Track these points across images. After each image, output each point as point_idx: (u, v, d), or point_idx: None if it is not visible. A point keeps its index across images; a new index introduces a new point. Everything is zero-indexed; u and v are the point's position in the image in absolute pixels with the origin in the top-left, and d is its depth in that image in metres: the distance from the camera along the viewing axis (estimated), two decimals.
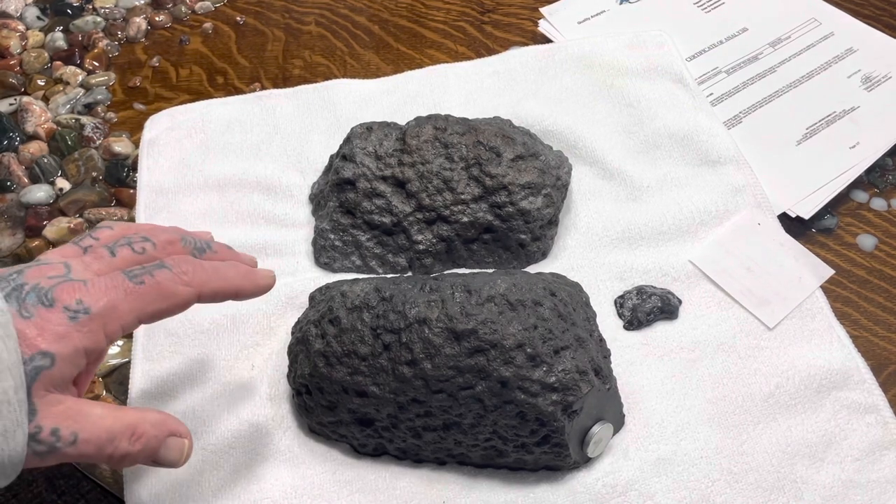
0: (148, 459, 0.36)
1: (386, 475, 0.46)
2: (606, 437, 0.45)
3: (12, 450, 0.31)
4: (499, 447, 0.44)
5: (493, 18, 0.74)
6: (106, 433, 0.34)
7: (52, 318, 0.33)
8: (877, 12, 0.73)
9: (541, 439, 0.43)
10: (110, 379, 0.51)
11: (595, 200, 0.58)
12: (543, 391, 0.42)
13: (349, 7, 0.76)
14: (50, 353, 0.32)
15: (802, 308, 0.52)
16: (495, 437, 0.44)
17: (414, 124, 0.55)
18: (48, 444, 0.32)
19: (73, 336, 0.33)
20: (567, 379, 0.42)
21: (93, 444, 0.33)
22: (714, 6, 0.73)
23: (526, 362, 0.42)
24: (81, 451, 0.33)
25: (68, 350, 0.33)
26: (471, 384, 0.42)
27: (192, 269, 0.37)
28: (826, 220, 0.58)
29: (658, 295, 0.52)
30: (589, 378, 0.43)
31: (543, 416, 0.42)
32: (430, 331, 0.42)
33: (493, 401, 0.42)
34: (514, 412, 0.42)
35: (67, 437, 0.33)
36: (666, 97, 0.63)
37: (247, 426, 0.48)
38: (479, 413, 0.43)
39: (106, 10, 0.75)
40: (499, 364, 0.41)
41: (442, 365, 0.42)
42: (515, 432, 0.43)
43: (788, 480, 0.45)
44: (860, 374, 0.49)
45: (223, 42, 0.73)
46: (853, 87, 0.66)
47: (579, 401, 0.42)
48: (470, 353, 0.42)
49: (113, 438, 0.34)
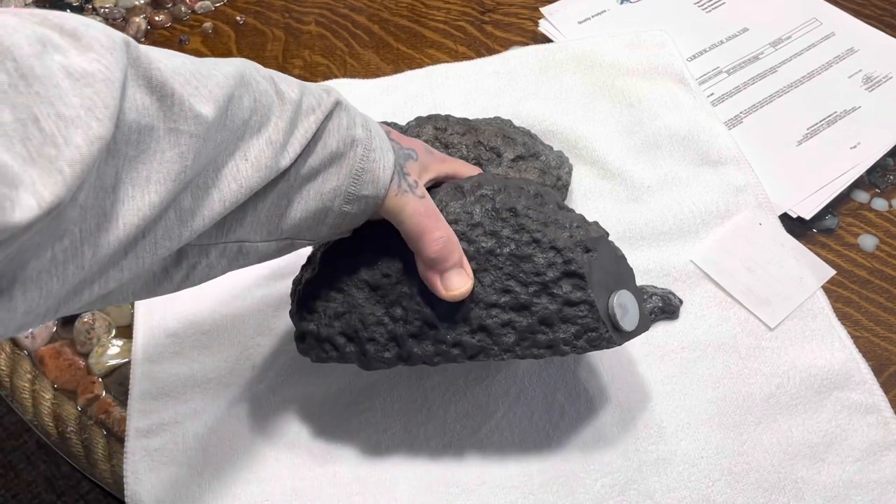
0: (441, 268, 0.40)
1: (386, 478, 0.46)
2: (632, 305, 0.42)
3: (385, 164, 0.39)
4: (519, 300, 0.41)
5: (493, 18, 0.74)
6: (438, 216, 0.40)
7: (415, 141, 0.44)
8: (878, 12, 0.73)
9: (560, 274, 0.41)
10: (110, 379, 0.51)
11: (595, 200, 0.58)
12: (553, 225, 0.42)
13: (349, 7, 0.76)
14: (415, 151, 0.43)
15: (803, 308, 0.52)
16: (513, 282, 0.41)
17: (414, 124, 0.55)
18: (408, 184, 0.40)
19: (427, 155, 0.44)
20: (576, 219, 0.42)
21: (430, 213, 0.40)
22: (715, 6, 0.73)
23: (532, 200, 0.42)
24: (420, 210, 0.40)
25: (423, 160, 0.43)
26: (480, 221, 0.41)
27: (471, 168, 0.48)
28: (827, 220, 0.58)
29: (659, 295, 0.52)
30: (597, 227, 0.43)
31: (557, 243, 0.41)
32: (435, 193, 0.43)
33: (505, 231, 0.41)
34: (527, 240, 0.41)
35: (419, 192, 0.40)
36: (667, 97, 0.63)
37: (247, 427, 0.48)
38: (491, 251, 0.41)
39: (105, 10, 0.75)
40: (506, 199, 0.42)
41: (451, 210, 0.42)
42: (532, 266, 0.41)
43: (789, 480, 0.45)
44: (861, 375, 0.49)
45: (223, 42, 0.73)
46: (854, 87, 0.66)
47: (593, 241, 0.42)
48: (477, 198, 0.42)
49: (440, 225, 0.40)
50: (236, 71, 0.34)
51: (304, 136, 0.36)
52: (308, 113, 0.37)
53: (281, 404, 0.49)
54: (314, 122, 0.36)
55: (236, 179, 0.33)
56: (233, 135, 0.33)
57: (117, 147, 0.28)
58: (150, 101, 0.29)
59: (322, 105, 0.37)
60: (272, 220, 0.37)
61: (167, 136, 0.30)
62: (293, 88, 0.37)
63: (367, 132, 0.39)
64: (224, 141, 0.33)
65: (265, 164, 0.34)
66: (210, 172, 0.33)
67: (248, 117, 0.34)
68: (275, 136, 0.35)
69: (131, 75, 0.29)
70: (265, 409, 0.48)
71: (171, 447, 0.47)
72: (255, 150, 0.34)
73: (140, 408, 0.49)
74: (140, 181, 0.29)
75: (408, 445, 0.47)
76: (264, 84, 0.35)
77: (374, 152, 0.38)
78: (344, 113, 0.38)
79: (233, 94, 0.33)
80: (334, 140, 0.37)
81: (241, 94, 0.34)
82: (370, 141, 0.38)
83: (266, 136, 0.35)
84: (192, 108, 0.30)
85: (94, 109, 0.26)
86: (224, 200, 0.33)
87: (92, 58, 0.27)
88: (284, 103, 0.36)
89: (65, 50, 0.27)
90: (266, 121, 0.35)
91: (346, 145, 0.38)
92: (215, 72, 0.33)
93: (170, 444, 0.47)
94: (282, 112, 0.35)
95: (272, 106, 0.35)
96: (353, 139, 0.38)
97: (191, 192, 0.32)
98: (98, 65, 0.27)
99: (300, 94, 0.37)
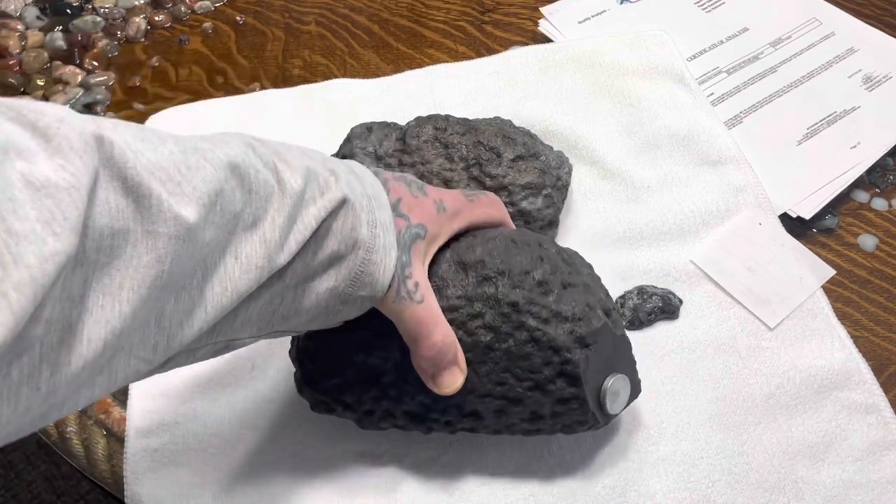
0: (435, 369, 0.40)
1: (387, 479, 0.46)
2: (624, 391, 0.43)
3: (386, 266, 0.37)
4: (512, 392, 0.42)
5: (493, 18, 0.74)
6: (437, 319, 0.39)
7: (426, 204, 0.40)
8: (878, 12, 0.73)
9: (556, 374, 0.41)
10: None
11: (596, 200, 0.58)
12: (554, 319, 0.41)
13: (349, 7, 0.76)
14: (424, 227, 0.39)
15: (803, 308, 0.52)
16: (508, 374, 0.42)
17: (414, 124, 0.55)
18: (407, 291, 0.38)
19: (438, 221, 0.40)
20: (577, 310, 0.41)
21: (427, 320, 0.38)
22: (714, 6, 0.73)
23: (535, 288, 0.41)
24: (418, 316, 0.38)
25: (434, 230, 0.40)
26: (480, 312, 0.41)
27: (500, 202, 0.46)
28: (827, 220, 0.58)
29: (659, 295, 0.52)
30: (599, 314, 0.42)
31: (555, 343, 0.41)
32: (437, 264, 0.42)
33: (503, 328, 0.41)
34: (525, 339, 0.41)
35: (418, 297, 0.38)
36: (666, 97, 0.63)
37: (247, 427, 0.48)
38: (489, 345, 0.41)
39: (105, 10, 0.75)
40: (508, 289, 0.41)
41: (451, 296, 0.41)
42: (529, 364, 0.41)
43: (789, 481, 0.45)
44: (861, 375, 0.49)
45: (223, 42, 0.73)
46: (854, 87, 0.66)
47: (592, 335, 0.41)
48: (478, 282, 0.41)
49: (438, 329, 0.39)
50: (230, 160, 0.31)
51: (303, 234, 0.34)
52: (310, 203, 0.34)
53: (281, 404, 0.49)
54: (314, 219, 0.34)
55: (221, 282, 0.31)
56: (222, 231, 0.31)
57: (86, 255, 0.25)
58: (125, 202, 0.27)
59: (326, 195, 0.35)
60: (264, 318, 0.35)
61: (144, 239, 0.27)
62: (297, 175, 0.34)
63: (371, 231, 0.36)
64: (213, 239, 0.30)
65: (256, 265, 0.32)
66: (197, 275, 0.30)
67: (241, 210, 0.31)
68: (270, 234, 0.32)
69: (105, 177, 0.26)
70: (265, 409, 0.48)
71: (171, 447, 0.47)
72: (247, 249, 0.32)
73: (140, 408, 0.49)
74: (112, 289, 0.26)
75: (408, 446, 0.47)
76: (264, 173, 0.33)
77: (375, 254, 0.36)
78: (350, 213, 0.35)
79: (222, 188, 0.30)
80: (336, 241, 0.35)
81: (234, 186, 0.31)
82: (373, 241, 0.36)
83: (260, 233, 0.32)
84: (171, 208, 0.28)
85: (51, 223, 0.23)
86: (214, 307, 0.31)
87: (58, 164, 0.24)
88: (285, 195, 0.33)
89: (30, 155, 0.24)
90: (262, 215, 0.32)
91: (347, 247, 0.35)
92: (205, 163, 0.30)
93: (170, 444, 0.47)
94: (281, 205, 0.33)
95: (271, 197, 0.33)
96: (356, 241, 0.36)
97: (174, 297, 0.30)
98: (63, 172, 0.24)
99: (304, 183, 0.34)
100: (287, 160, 0.35)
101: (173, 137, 0.30)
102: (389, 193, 0.39)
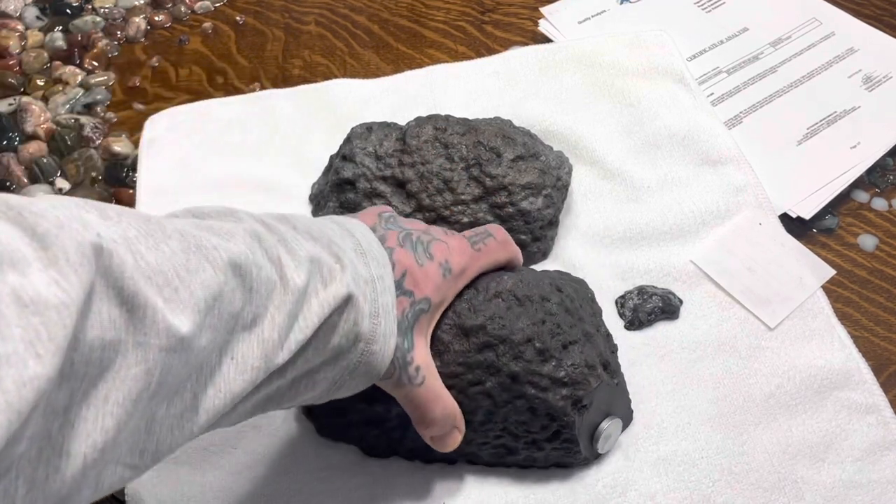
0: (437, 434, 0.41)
1: (387, 475, 0.46)
2: (616, 433, 0.45)
3: (385, 354, 0.36)
4: (509, 444, 0.44)
5: (493, 18, 0.74)
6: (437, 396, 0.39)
7: (431, 270, 0.38)
8: (878, 12, 0.73)
9: (551, 435, 0.43)
10: None
11: (595, 200, 0.58)
12: (553, 386, 0.42)
13: (349, 7, 0.76)
14: (429, 300, 0.38)
15: (803, 308, 0.52)
16: (506, 433, 0.43)
17: (414, 124, 0.55)
18: (408, 377, 0.37)
19: (443, 288, 0.39)
20: (576, 374, 0.42)
21: (428, 400, 0.38)
22: (714, 6, 0.73)
23: (535, 357, 0.42)
24: (419, 397, 0.38)
25: (438, 300, 0.39)
26: (480, 380, 0.42)
27: (508, 238, 0.44)
28: (827, 220, 0.58)
29: (659, 295, 0.52)
30: (598, 372, 0.43)
31: (554, 411, 0.42)
32: (439, 328, 0.42)
33: (503, 396, 0.42)
34: (524, 407, 0.42)
35: (418, 381, 0.38)
36: (666, 97, 0.63)
37: (249, 427, 0.48)
38: (489, 410, 0.42)
39: (105, 10, 0.75)
40: (508, 359, 0.41)
41: (451, 361, 0.42)
42: (526, 428, 0.43)
43: (789, 481, 0.45)
44: (861, 375, 0.49)
45: (223, 42, 0.73)
46: (854, 87, 0.66)
47: (589, 395, 0.42)
48: (479, 348, 0.42)
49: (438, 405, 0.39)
50: (232, 259, 0.30)
51: (304, 333, 0.33)
52: (312, 296, 0.33)
53: None
54: (317, 316, 0.33)
55: (216, 385, 0.30)
56: (219, 332, 0.30)
57: (74, 369, 0.24)
58: (118, 313, 0.25)
59: (330, 288, 0.34)
60: (258, 408, 0.34)
61: (134, 350, 0.26)
62: (301, 270, 0.33)
63: (372, 322, 0.35)
64: (210, 343, 0.29)
65: (253, 366, 0.31)
66: (192, 379, 0.29)
67: (240, 310, 0.30)
68: (269, 334, 0.31)
69: (100, 287, 0.25)
70: None
71: None
72: (244, 349, 0.31)
73: None
74: (97, 401, 0.25)
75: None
76: (267, 269, 0.32)
77: (375, 344, 0.36)
78: (353, 309, 0.34)
79: (221, 291, 0.29)
80: (338, 337, 0.34)
81: (234, 287, 0.30)
82: (374, 331, 0.35)
83: (258, 332, 0.31)
84: (164, 319, 0.26)
85: (35, 343, 0.22)
86: (207, 411, 0.30)
87: (52, 278, 0.23)
88: (287, 291, 0.32)
89: (25, 265, 0.23)
90: (262, 313, 0.31)
91: (349, 342, 0.35)
92: (206, 264, 0.29)
93: None
94: (282, 302, 0.32)
95: (272, 293, 0.32)
96: (357, 335, 0.35)
97: (166, 403, 0.28)
98: (56, 288, 0.23)
99: (307, 278, 0.33)
100: (293, 250, 0.33)
101: (178, 232, 0.29)
102: (395, 268, 0.38)
